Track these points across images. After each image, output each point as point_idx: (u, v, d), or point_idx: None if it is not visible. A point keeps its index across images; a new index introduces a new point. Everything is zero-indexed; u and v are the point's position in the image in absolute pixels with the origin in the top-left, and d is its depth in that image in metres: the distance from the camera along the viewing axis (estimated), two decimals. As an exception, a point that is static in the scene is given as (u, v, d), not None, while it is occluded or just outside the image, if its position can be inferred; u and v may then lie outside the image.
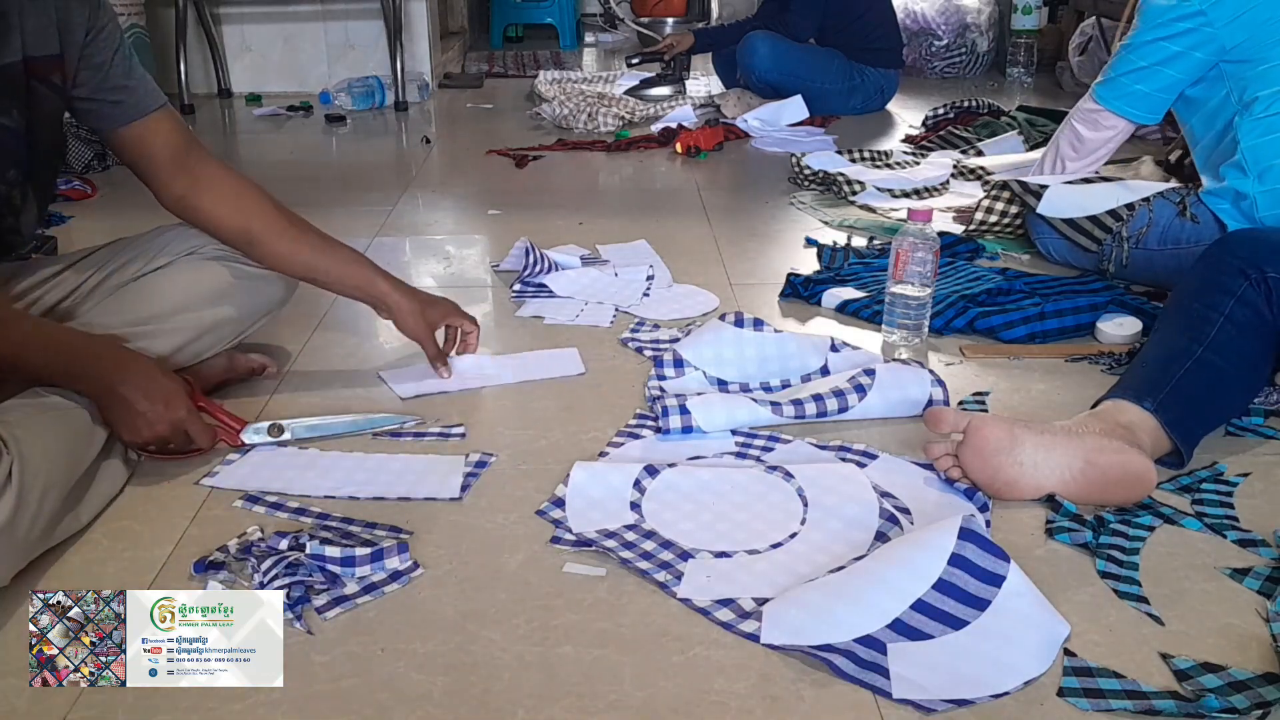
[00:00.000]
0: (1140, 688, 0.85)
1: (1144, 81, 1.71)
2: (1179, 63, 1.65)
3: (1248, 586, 0.98)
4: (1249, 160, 1.57)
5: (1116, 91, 1.76)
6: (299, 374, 1.47)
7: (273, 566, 0.97)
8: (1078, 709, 0.83)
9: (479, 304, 1.75)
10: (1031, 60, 3.81)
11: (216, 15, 3.75)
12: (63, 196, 2.38)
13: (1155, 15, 1.66)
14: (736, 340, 1.43)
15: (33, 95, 1.14)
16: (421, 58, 3.90)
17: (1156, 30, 1.66)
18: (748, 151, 2.89)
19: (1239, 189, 1.58)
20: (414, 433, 1.28)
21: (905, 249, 1.45)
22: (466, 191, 2.56)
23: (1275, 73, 1.58)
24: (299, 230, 1.32)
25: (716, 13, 5.22)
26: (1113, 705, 0.83)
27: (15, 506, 0.95)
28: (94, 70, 1.18)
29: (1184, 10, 1.62)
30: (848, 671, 0.86)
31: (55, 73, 1.15)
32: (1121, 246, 1.67)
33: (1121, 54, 1.75)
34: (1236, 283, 1.23)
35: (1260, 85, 1.58)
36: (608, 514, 1.10)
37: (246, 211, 1.29)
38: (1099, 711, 0.83)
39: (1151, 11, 1.67)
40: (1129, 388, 1.19)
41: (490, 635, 0.93)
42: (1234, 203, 1.59)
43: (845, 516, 1.08)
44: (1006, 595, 0.90)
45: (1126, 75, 1.73)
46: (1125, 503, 1.10)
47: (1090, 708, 0.83)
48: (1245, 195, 1.57)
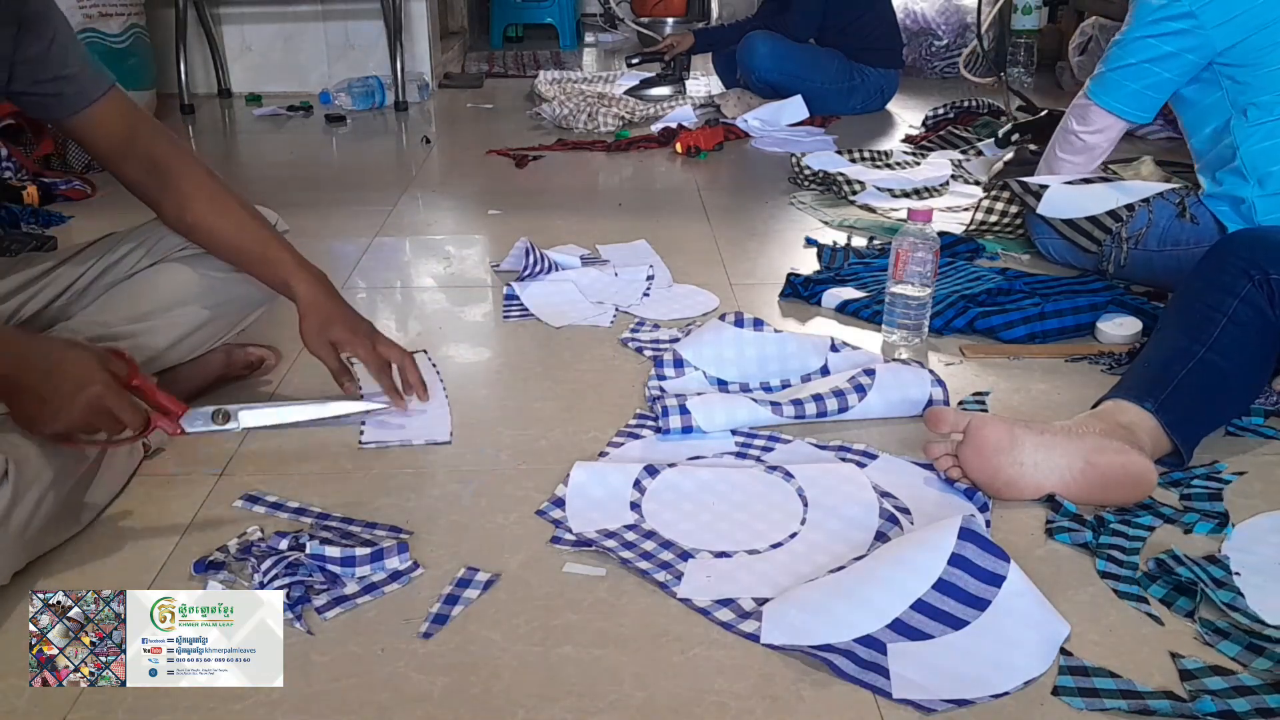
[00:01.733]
0: (1135, 687, 0.85)
1: (1134, 79, 1.68)
2: (1170, 63, 1.63)
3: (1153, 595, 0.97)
4: (1248, 166, 1.56)
5: (1106, 87, 1.74)
6: (299, 373, 1.47)
7: (273, 566, 0.97)
8: (1074, 708, 0.83)
9: (479, 304, 1.75)
10: (1031, 60, 3.81)
11: (216, 15, 3.75)
12: (62, 196, 2.38)
13: (1146, 13, 1.64)
14: (736, 340, 1.43)
15: None
16: (421, 58, 3.90)
17: (1147, 28, 1.64)
18: (748, 151, 2.89)
19: (1238, 194, 1.57)
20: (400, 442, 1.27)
21: (905, 249, 1.45)
22: (466, 191, 2.56)
23: (1273, 78, 1.56)
24: (233, 217, 1.24)
25: (716, 13, 5.22)
26: (1106, 705, 0.83)
27: (10, 504, 0.95)
28: (29, 64, 1.12)
29: (1173, 10, 1.60)
30: (848, 671, 0.86)
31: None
32: (1121, 247, 1.67)
33: (1113, 49, 1.72)
34: (1239, 283, 1.23)
35: (1258, 91, 1.57)
36: (608, 514, 1.10)
37: (182, 201, 1.22)
38: (1093, 710, 0.83)
39: (1143, 8, 1.65)
40: (1130, 388, 1.19)
41: (490, 635, 0.93)
42: (1233, 207, 1.58)
43: (845, 516, 1.08)
44: (1007, 595, 0.90)
45: (1116, 71, 1.71)
46: (1125, 503, 1.10)
47: (1084, 706, 0.83)
48: (1244, 200, 1.56)
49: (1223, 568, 1.00)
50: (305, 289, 1.24)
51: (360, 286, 1.85)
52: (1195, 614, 0.93)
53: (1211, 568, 0.99)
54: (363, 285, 1.85)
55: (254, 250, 1.25)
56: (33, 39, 1.11)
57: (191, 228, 1.25)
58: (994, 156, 2.47)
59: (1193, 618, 0.93)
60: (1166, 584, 0.97)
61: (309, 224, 2.09)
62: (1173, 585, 0.97)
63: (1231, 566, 1.00)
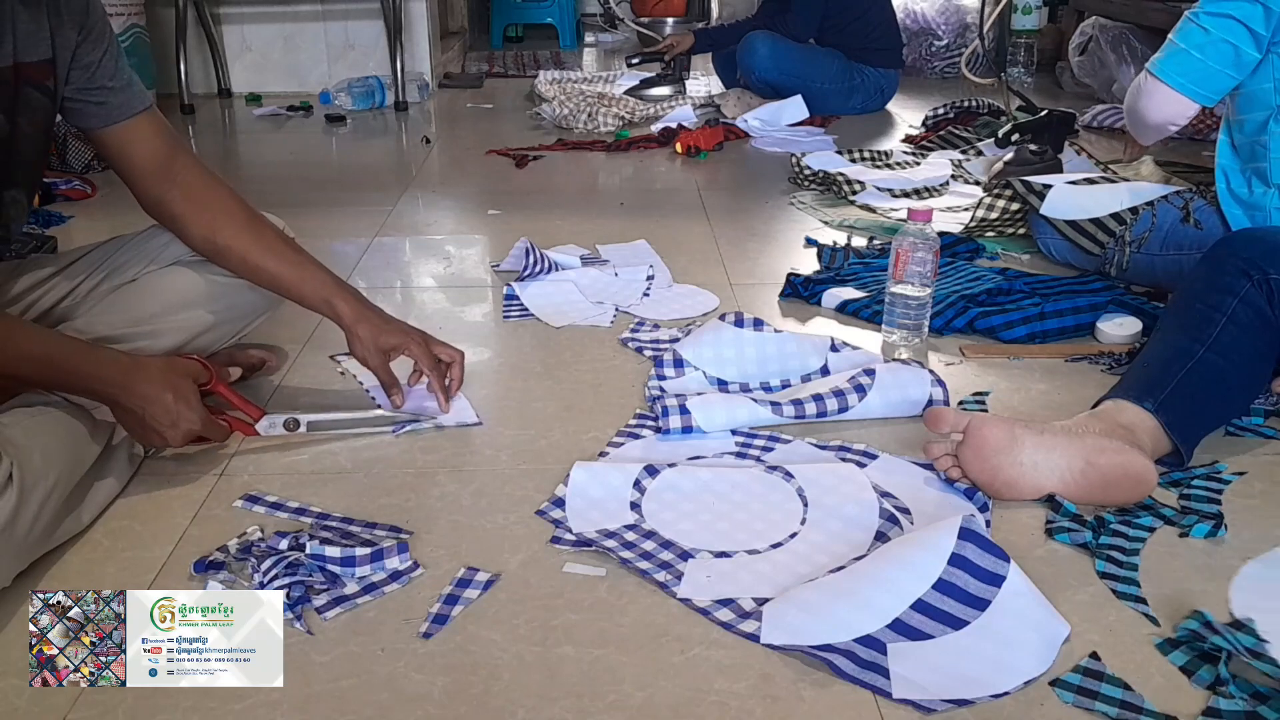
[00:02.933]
0: (1143, 704, 0.83)
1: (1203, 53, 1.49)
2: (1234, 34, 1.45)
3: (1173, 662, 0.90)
4: (1274, 170, 1.48)
5: (1170, 64, 1.54)
6: (299, 373, 1.47)
7: (273, 566, 0.98)
8: (1075, 706, 0.83)
9: (479, 304, 1.75)
10: (1031, 60, 3.81)
11: (216, 15, 3.75)
12: (63, 196, 2.38)
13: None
14: (736, 340, 1.43)
15: (21, 99, 1.13)
16: (421, 58, 3.90)
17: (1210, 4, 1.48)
18: (748, 151, 2.89)
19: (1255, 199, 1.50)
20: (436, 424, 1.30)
21: (905, 249, 1.45)
22: (466, 191, 2.56)
23: None
24: (266, 243, 1.28)
25: (716, 13, 5.22)
26: (1096, 706, 0.83)
27: (16, 507, 0.95)
28: (83, 70, 1.17)
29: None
30: (847, 671, 0.86)
31: (47, 78, 1.14)
32: (1124, 250, 1.66)
33: (1181, 24, 1.53)
34: (1239, 283, 1.22)
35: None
36: (608, 514, 1.10)
37: (214, 224, 1.26)
38: (1079, 709, 0.82)
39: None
40: (1129, 388, 1.19)
41: (490, 635, 0.93)
42: (1247, 212, 1.52)
43: (845, 516, 1.08)
44: (1006, 595, 0.90)
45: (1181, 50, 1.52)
46: (1125, 503, 1.10)
47: (1072, 701, 0.83)
48: (1261, 207, 1.50)
49: (1250, 633, 0.91)
50: (348, 306, 1.28)
51: (360, 286, 1.83)
52: (1215, 687, 0.85)
53: (1241, 635, 0.90)
54: (363, 285, 1.85)
55: (291, 274, 1.28)
56: (90, 46, 1.17)
57: (223, 251, 1.27)
58: (994, 156, 2.48)
59: (1214, 690, 0.85)
60: (1190, 651, 0.89)
61: (309, 224, 2.09)
62: (1197, 653, 0.89)
63: (1259, 632, 0.91)
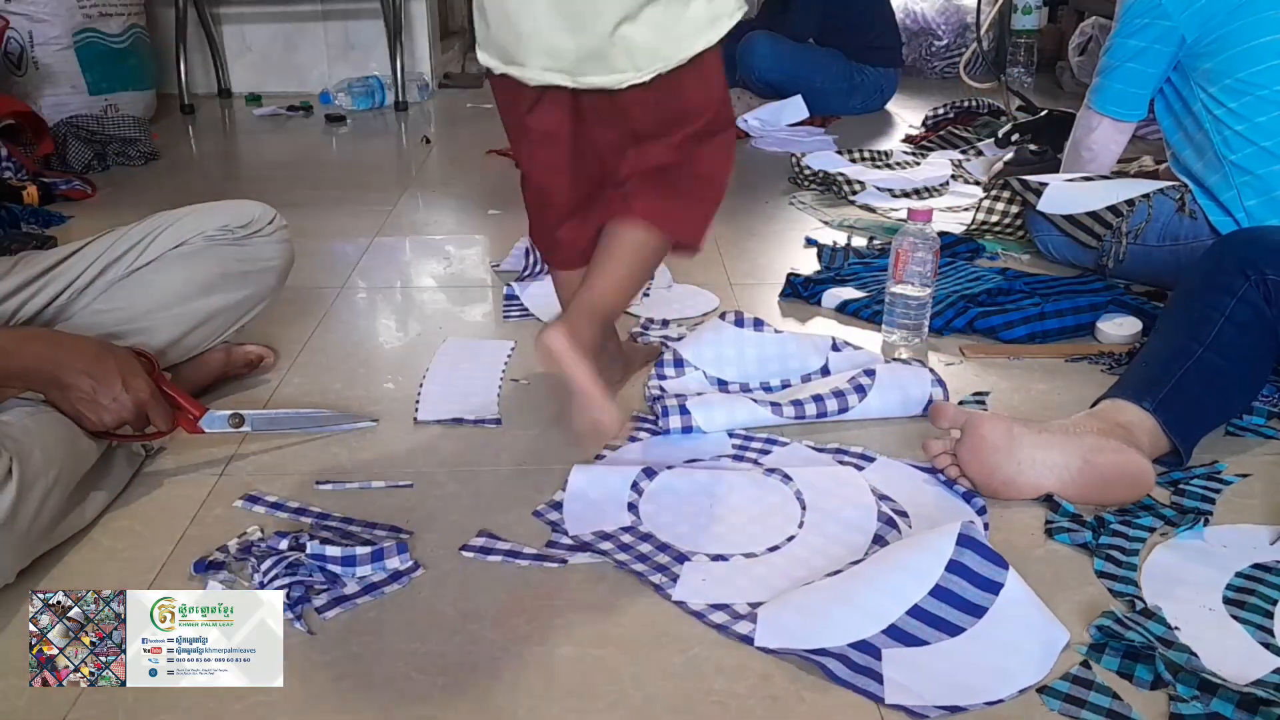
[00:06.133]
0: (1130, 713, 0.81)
1: (1120, 80, 1.73)
2: (1145, 58, 1.67)
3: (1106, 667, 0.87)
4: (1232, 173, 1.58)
5: (1098, 92, 1.79)
6: (299, 372, 1.47)
7: (273, 566, 0.98)
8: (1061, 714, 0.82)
9: (479, 304, 1.75)
10: (1031, 60, 3.81)
11: (216, 15, 3.75)
12: (62, 196, 2.38)
13: (1125, 14, 1.70)
14: (736, 340, 1.42)
15: None
16: (421, 58, 3.90)
17: (1126, 26, 1.69)
18: (748, 151, 2.88)
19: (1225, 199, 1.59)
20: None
21: (905, 249, 1.45)
22: (466, 191, 2.56)
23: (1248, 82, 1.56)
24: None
25: (717, 12, 5.21)
26: (1084, 715, 0.82)
27: (16, 502, 0.95)
28: None
29: (1144, 6, 1.65)
30: (840, 675, 0.86)
31: None
32: (1120, 242, 1.67)
33: (1102, 55, 1.78)
34: (1237, 282, 1.23)
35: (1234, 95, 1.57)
36: (605, 516, 1.09)
37: None
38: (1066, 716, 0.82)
39: (1123, 11, 1.71)
40: (1128, 387, 1.19)
41: (490, 635, 0.93)
42: (1223, 212, 1.60)
43: (843, 520, 1.07)
44: (1004, 602, 0.89)
45: (1104, 74, 1.77)
46: (1123, 503, 1.10)
47: (1058, 709, 0.82)
48: (1232, 207, 1.59)
49: (1160, 622, 0.91)
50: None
51: (360, 286, 1.85)
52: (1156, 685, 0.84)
53: (1151, 624, 0.90)
54: (363, 285, 1.85)
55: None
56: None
57: None
58: (994, 156, 2.48)
59: (1155, 688, 0.83)
60: (1116, 651, 0.88)
61: (309, 224, 2.10)
62: (1123, 652, 0.87)
63: (1168, 619, 0.91)
